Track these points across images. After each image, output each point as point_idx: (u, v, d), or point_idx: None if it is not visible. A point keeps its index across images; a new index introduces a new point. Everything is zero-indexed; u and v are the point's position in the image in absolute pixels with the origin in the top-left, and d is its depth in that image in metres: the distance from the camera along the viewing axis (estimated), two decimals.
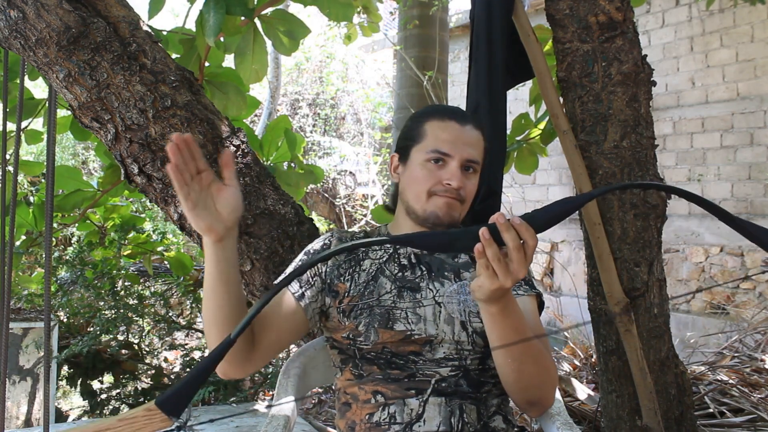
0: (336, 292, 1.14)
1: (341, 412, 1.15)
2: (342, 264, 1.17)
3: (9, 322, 1.77)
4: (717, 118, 4.75)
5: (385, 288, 1.13)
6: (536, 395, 1.06)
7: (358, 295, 1.13)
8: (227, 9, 1.57)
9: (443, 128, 1.15)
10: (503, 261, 0.82)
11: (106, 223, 2.70)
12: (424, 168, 1.14)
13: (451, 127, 1.15)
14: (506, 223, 0.81)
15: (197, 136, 1.51)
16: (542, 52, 1.61)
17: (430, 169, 1.13)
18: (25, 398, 2.93)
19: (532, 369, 1.02)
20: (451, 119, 1.16)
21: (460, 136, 1.14)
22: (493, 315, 0.94)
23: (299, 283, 1.14)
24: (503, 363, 1.02)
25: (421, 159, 1.15)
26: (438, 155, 1.13)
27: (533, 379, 1.03)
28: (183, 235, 2.35)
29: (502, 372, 1.04)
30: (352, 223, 7.96)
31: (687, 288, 4.88)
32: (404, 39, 4.85)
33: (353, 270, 1.16)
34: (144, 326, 3.11)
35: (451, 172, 1.12)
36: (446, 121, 1.16)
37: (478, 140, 1.17)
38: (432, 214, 1.13)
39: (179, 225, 1.61)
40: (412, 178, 1.16)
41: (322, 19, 8.70)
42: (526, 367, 1.01)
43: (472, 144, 1.15)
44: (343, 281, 1.15)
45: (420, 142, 1.16)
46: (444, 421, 1.05)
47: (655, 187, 0.79)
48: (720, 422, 2.19)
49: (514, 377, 1.03)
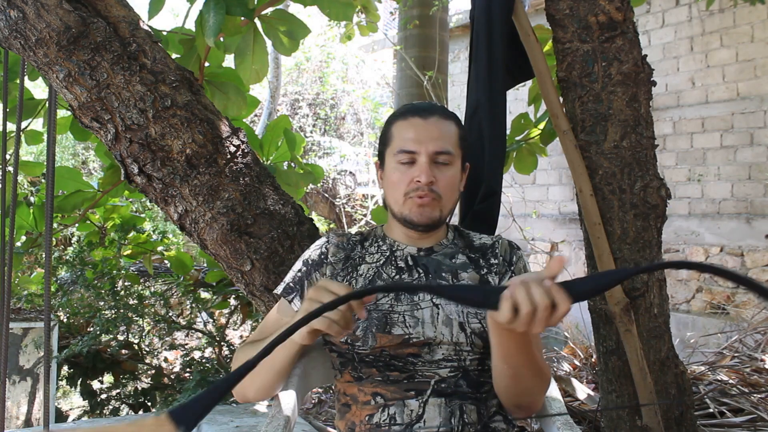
0: None
1: (341, 413, 1.15)
2: (340, 272, 1.17)
3: (9, 322, 1.77)
4: (717, 118, 4.75)
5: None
6: (527, 401, 1.08)
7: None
8: (227, 9, 1.57)
9: (406, 126, 1.15)
10: (531, 315, 0.79)
11: (106, 224, 2.70)
12: (396, 171, 1.14)
13: (414, 124, 1.14)
14: (546, 287, 0.79)
15: (197, 136, 1.51)
16: (542, 52, 1.61)
17: (402, 171, 1.13)
18: (25, 398, 2.93)
19: (528, 377, 1.03)
20: (413, 116, 1.16)
21: (424, 130, 1.13)
22: (501, 332, 0.96)
23: (300, 299, 1.15)
24: (501, 371, 1.03)
25: (393, 162, 1.15)
26: (405, 155, 1.13)
27: (527, 387, 1.05)
28: (183, 235, 2.35)
29: (497, 377, 1.05)
30: (352, 223, 7.96)
31: (687, 288, 4.88)
32: (404, 39, 4.85)
33: (350, 276, 1.16)
34: (144, 326, 3.11)
35: (420, 168, 1.12)
36: (408, 119, 1.16)
37: (448, 130, 1.15)
38: (407, 217, 1.14)
39: (179, 225, 1.61)
40: (389, 182, 1.16)
41: (322, 19, 8.70)
42: (523, 375, 1.02)
43: (439, 136, 1.13)
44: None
45: (389, 145, 1.17)
46: (444, 422, 1.05)
47: (696, 267, 0.76)
48: (720, 422, 2.18)
49: (509, 384, 1.04)
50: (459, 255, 1.19)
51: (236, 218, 1.55)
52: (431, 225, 1.15)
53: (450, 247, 1.21)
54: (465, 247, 1.22)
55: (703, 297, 4.77)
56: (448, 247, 1.20)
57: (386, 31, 7.13)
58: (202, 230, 1.57)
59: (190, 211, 1.56)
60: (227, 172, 1.56)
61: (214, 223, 1.55)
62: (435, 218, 1.14)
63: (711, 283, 4.74)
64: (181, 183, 1.52)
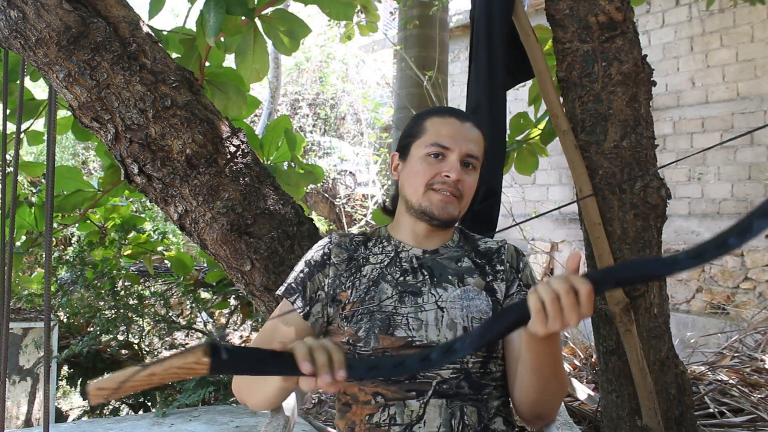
0: (339, 302, 1.14)
1: (341, 412, 1.15)
2: (343, 273, 1.16)
3: (9, 322, 1.77)
4: (717, 118, 4.75)
5: (387, 293, 1.13)
6: (547, 409, 1.08)
7: (359, 301, 1.12)
8: (228, 9, 1.57)
9: (444, 123, 1.17)
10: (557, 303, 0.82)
11: (107, 223, 2.70)
12: (424, 162, 1.15)
13: (452, 123, 1.17)
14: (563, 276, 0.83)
15: (197, 136, 1.51)
16: (542, 52, 1.61)
17: (430, 163, 1.14)
18: (25, 398, 2.93)
19: (555, 387, 1.03)
20: (451, 116, 1.19)
21: (460, 131, 1.16)
22: (536, 342, 0.95)
23: (304, 300, 1.14)
24: (530, 383, 1.03)
25: (421, 153, 1.16)
26: (438, 149, 1.14)
27: (552, 396, 1.05)
28: (183, 235, 2.35)
29: (524, 389, 1.05)
30: (352, 223, 7.96)
31: (687, 288, 4.88)
32: (404, 39, 4.85)
33: (354, 277, 1.16)
34: (144, 326, 3.11)
35: (451, 164, 1.13)
36: (446, 118, 1.18)
37: (478, 138, 1.18)
38: (428, 209, 1.14)
39: (179, 225, 1.61)
40: (412, 172, 1.16)
41: (322, 19, 8.70)
42: (551, 385, 1.03)
43: (472, 139, 1.16)
44: (344, 289, 1.14)
45: (420, 137, 1.18)
46: (444, 423, 1.05)
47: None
48: (720, 422, 2.18)
49: (536, 396, 1.04)
50: (464, 259, 1.19)
51: (236, 218, 1.55)
52: (449, 221, 1.16)
53: (455, 250, 1.20)
54: (470, 250, 1.21)
55: (703, 297, 4.77)
56: (453, 250, 1.20)
57: (386, 31, 7.13)
58: (202, 230, 1.57)
59: (190, 211, 1.56)
60: (227, 172, 1.56)
61: (214, 223, 1.55)
62: (454, 216, 1.15)
63: (711, 283, 4.74)
64: (181, 183, 1.52)
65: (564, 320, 0.81)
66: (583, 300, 0.80)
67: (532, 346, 0.97)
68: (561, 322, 0.81)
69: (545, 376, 1.01)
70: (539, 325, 0.82)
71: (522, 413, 1.10)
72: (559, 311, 0.81)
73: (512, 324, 0.85)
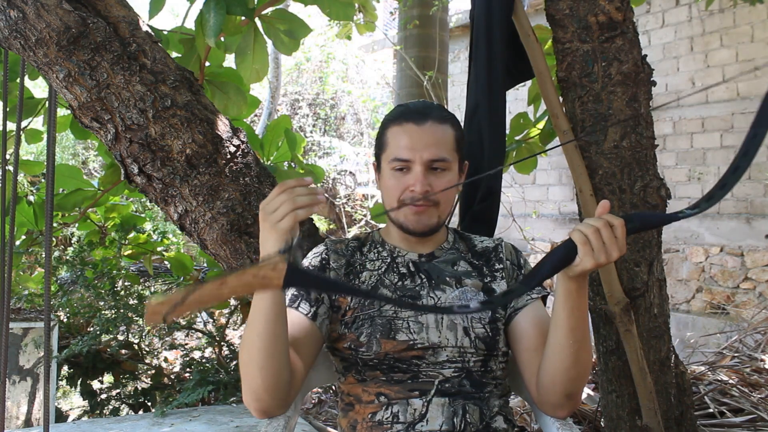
0: (338, 308, 1.14)
1: (344, 411, 1.15)
2: (342, 278, 1.16)
3: (9, 322, 1.77)
4: (717, 118, 4.75)
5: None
6: (579, 385, 1.04)
7: (359, 307, 1.12)
8: (227, 9, 1.57)
9: (401, 133, 1.12)
10: (599, 235, 0.90)
11: (107, 223, 2.70)
12: (392, 177, 1.13)
13: (409, 131, 1.12)
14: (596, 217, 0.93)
15: (197, 136, 1.51)
16: (542, 52, 1.61)
17: (397, 177, 1.12)
18: (25, 398, 2.93)
19: (586, 356, 1.01)
20: (408, 122, 1.12)
21: (419, 138, 1.10)
22: (570, 292, 0.96)
23: (309, 303, 1.11)
24: (564, 351, 0.99)
25: (388, 168, 1.14)
26: (400, 163, 1.11)
27: (584, 368, 1.02)
28: (183, 235, 2.35)
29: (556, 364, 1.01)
30: (353, 223, 7.96)
31: (687, 288, 4.88)
32: (404, 39, 4.85)
33: (352, 283, 1.16)
34: (144, 326, 3.10)
35: (415, 176, 1.10)
36: (403, 125, 1.13)
37: (443, 135, 1.13)
38: (403, 224, 1.14)
39: (179, 225, 1.61)
40: (385, 187, 1.15)
41: (322, 19, 8.70)
42: (584, 353, 1.00)
43: (434, 142, 1.11)
44: (343, 296, 1.14)
45: (384, 150, 1.15)
46: (447, 421, 1.05)
47: None
48: (720, 422, 2.18)
49: (570, 363, 0.99)
50: (461, 261, 1.19)
51: (236, 218, 1.55)
52: (427, 232, 1.15)
53: (451, 252, 1.20)
54: (466, 251, 1.21)
55: (703, 297, 4.77)
56: (449, 252, 1.20)
57: (386, 31, 7.13)
58: (202, 230, 1.57)
59: (190, 211, 1.56)
60: (227, 172, 1.56)
61: (214, 223, 1.55)
62: (432, 224, 1.14)
63: (711, 283, 4.74)
64: (181, 183, 1.52)
65: (607, 252, 0.89)
66: (618, 234, 0.89)
67: (567, 303, 0.97)
68: (605, 255, 0.89)
69: (579, 339, 0.98)
70: (587, 257, 0.90)
71: (551, 398, 1.05)
72: (602, 244, 0.89)
73: (560, 262, 0.93)
